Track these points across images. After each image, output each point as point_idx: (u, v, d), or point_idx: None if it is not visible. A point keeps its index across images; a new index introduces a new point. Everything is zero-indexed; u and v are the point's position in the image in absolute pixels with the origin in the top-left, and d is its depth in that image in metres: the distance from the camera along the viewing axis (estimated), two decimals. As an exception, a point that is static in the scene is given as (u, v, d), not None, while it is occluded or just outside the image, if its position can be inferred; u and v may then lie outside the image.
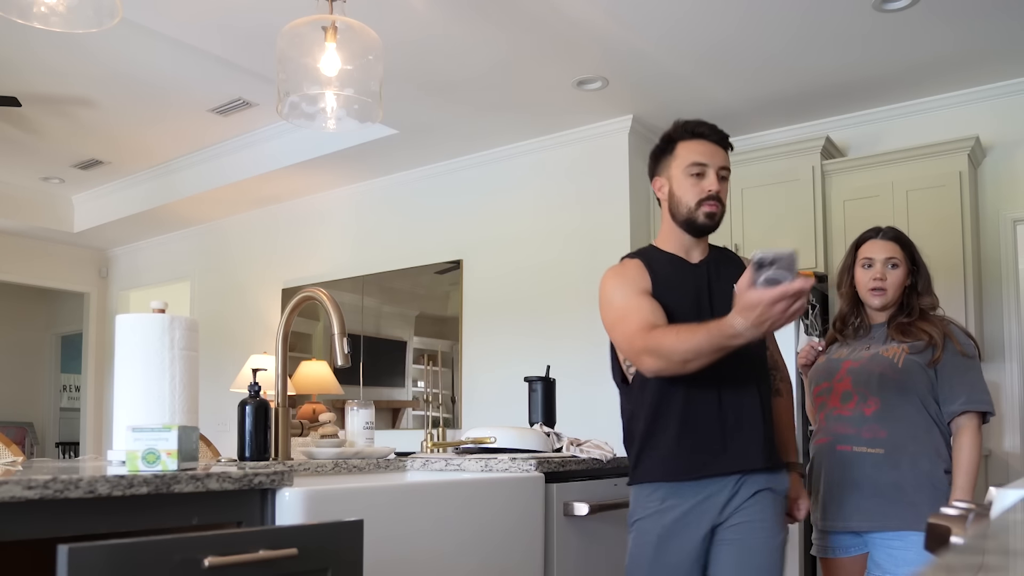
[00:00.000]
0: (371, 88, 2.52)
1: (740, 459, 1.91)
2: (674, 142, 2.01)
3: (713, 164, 1.97)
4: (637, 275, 1.96)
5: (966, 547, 0.55)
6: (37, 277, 7.52)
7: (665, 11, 3.59)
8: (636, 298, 1.90)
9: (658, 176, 2.05)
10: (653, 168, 2.07)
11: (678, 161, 1.99)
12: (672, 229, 2.03)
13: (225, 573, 1.16)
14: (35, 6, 2.00)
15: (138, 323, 1.82)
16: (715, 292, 1.98)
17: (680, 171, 1.98)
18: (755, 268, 1.59)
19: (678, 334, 1.77)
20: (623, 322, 1.90)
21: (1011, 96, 4.22)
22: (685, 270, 2.01)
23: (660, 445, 1.91)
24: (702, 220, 1.97)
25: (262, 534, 1.23)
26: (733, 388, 1.93)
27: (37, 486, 1.12)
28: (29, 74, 4.51)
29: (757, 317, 1.61)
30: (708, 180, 1.96)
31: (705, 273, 2.01)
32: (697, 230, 1.99)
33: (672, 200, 2.00)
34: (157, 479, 1.26)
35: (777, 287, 1.57)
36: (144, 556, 1.10)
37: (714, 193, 1.95)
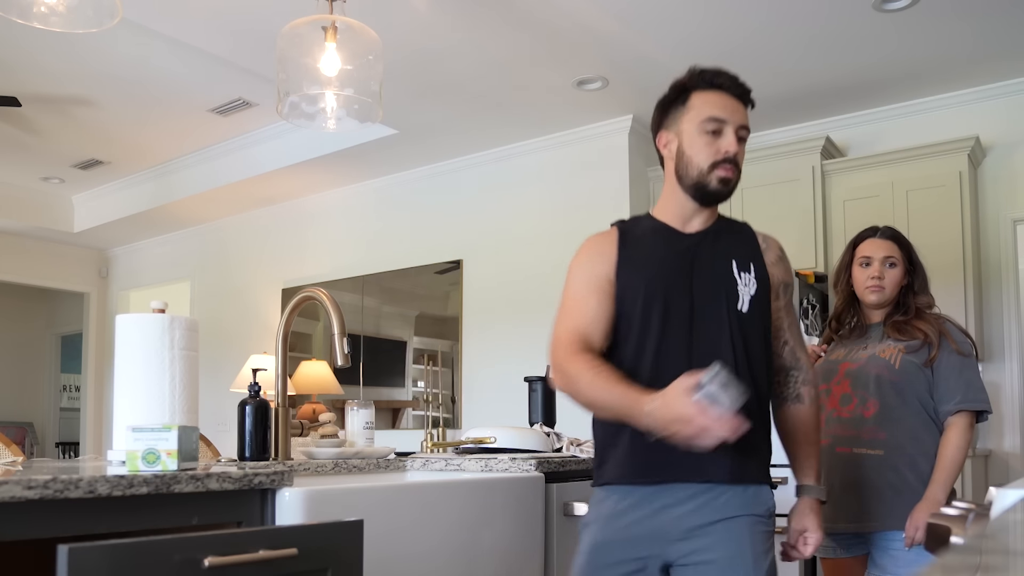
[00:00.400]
0: (371, 88, 2.52)
1: (705, 466, 1.59)
2: (688, 92, 1.73)
3: (732, 121, 1.71)
4: (603, 255, 1.72)
5: (966, 547, 0.55)
6: (37, 277, 7.52)
7: (665, 11, 3.59)
8: (586, 295, 1.69)
9: (665, 130, 1.76)
10: (660, 120, 1.78)
11: (692, 114, 1.71)
12: (675, 194, 1.74)
13: (225, 573, 1.16)
14: (35, 6, 2.00)
15: (138, 323, 1.82)
16: (699, 269, 1.69)
17: (694, 126, 1.70)
18: (708, 377, 1.44)
19: (594, 378, 1.58)
20: (561, 317, 1.70)
21: (1011, 96, 4.22)
22: (672, 242, 1.72)
23: (620, 441, 1.64)
24: (715, 186, 1.70)
25: (262, 534, 1.23)
26: None
27: (37, 486, 1.12)
28: (29, 74, 4.51)
29: (670, 422, 1.46)
30: (726, 139, 1.69)
31: (695, 246, 1.72)
32: (707, 197, 1.72)
33: (680, 160, 1.71)
34: (157, 479, 1.26)
35: (706, 416, 1.42)
36: (144, 556, 1.10)
37: (731, 155, 1.70)
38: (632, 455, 1.62)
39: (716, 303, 1.67)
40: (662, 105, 1.78)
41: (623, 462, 1.64)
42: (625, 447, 1.64)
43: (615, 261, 1.70)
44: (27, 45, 4.13)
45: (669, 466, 1.60)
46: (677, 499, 1.61)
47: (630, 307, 1.66)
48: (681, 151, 1.71)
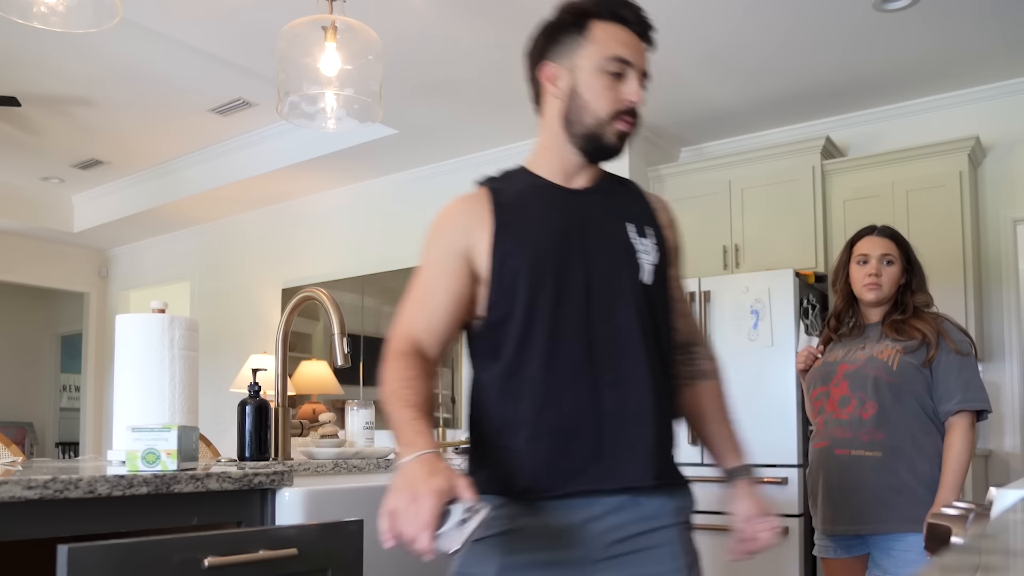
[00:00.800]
0: (371, 88, 2.52)
1: (623, 470, 1.36)
2: (587, 19, 1.43)
3: (637, 65, 1.44)
4: (466, 225, 1.42)
5: (966, 547, 0.55)
6: (37, 277, 7.52)
7: (665, 11, 3.59)
8: (434, 281, 1.43)
9: (553, 62, 1.44)
10: (545, 47, 1.46)
11: (593, 49, 1.42)
12: (557, 143, 1.47)
13: (225, 573, 1.16)
14: (35, 6, 2.00)
15: (138, 323, 1.82)
16: (593, 235, 1.44)
17: (593, 64, 1.41)
18: (465, 509, 1.18)
19: (394, 392, 1.32)
20: (405, 303, 1.45)
21: (1011, 96, 4.22)
22: (558, 200, 1.46)
23: (511, 442, 1.37)
24: (610, 139, 1.44)
25: (262, 534, 1.23)
26: (615, 365, 1.38)
27: (37, 486, 1.12)
28: (29, 74, 4.50)
29: (401, 490, 1.19)
30: (629, 85, 1.43)
31: (586, 207, 1.47)
32: (599, 152, 1.47)
33: (574, 102, 1.43)
34: (157, 479, 1.26)
35: (425, 525, 1.15)
36: (144, 556, 1.11)
37: (635, 105, 1.44)
38: (532, 458, 1.35)
39: (617, 275, 1.42)
40: (551, 30, 1.46)
41: (519, 467, 1.36)
42: (520, 448, 1.36)
43: (490, 230, 1.40)
44: (27, 45, 4.13)
45: (574, 478, 1.34)
46: (593, 513, 1.36)
47: (511, 284, 1.38)
48: (575, 92, 1.43)
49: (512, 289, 1.38)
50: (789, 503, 3.69)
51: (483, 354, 1.43)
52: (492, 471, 1.38)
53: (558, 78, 1.44)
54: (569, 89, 1.43)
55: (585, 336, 1.37)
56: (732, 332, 3.93)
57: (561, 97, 1.45)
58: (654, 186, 4.90)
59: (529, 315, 1.37)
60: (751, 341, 3.87)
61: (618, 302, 1.41)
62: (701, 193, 4.67)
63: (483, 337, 1.42)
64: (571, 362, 1.36)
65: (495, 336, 1.40)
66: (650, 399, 1.38)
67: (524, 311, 1.37)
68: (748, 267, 4.38)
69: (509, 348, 1.38)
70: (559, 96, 1.45)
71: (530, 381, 1.36)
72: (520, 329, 1.37)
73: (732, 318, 3.94)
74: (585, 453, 1.35)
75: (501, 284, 1.39)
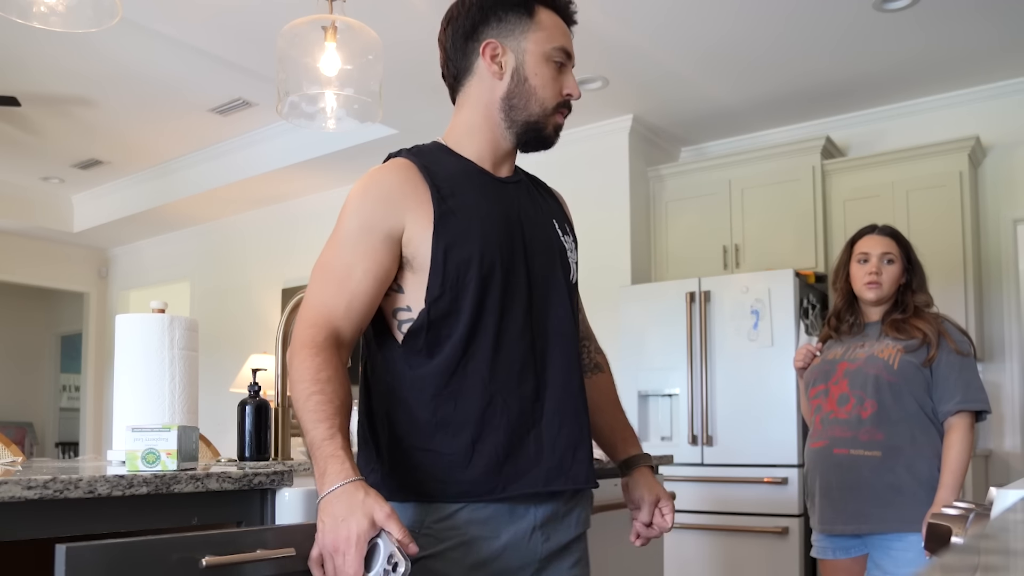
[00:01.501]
0: (371, 88, 2.51)
1: (565, 473, 1.33)
2: (534, 3, 1.38)
3: (573, 59, 1.42)
4: (400, 200, 1.30)
5: (966, 547, 0.55)
6: (37, 277, 7.53)
7: (665, 11, 3.59)
8: (355, 257, 1.29)
9: (498, 39, 1.37)
10: (484, 23, 1.37)
11: (541, 36, 1.36)
12: (490, 126, 1.38)
13: (223, 573, 1.16)
14: (35, 6, 2.00)
15: (138, 323, 1.82)
16: (528, 229, 1.37)
17: (542, 51, 1.36)
18: (399, 559, 1.14)
19: (308, 399, 1.22)
20: (317, 280, 1.32)
21: (1011, 96, 4.22)
22: (493, 189, 1.37)
23: (450, 444, 1.29)
24: (549, 131, 1.39)
25: (260, 534, 1.23)
26: (553, 366, 1.35)
27: (37, 486, 1.12)
28: (29, 74, 4.51)
29: (324, 536, 1.15)
30: (570, 79, 1.40)
31: (517, 197, 1.40)
32: (535, 142, 1.40)
33: (520, 87, 1.36)
34: (157, 479, 1.26)
35: (362, 570, 1.13)
36: (142, 555, 1.11)
37: (573, 99, 1.40)
38: (476, 457, 1.28)
39: (552, 273, 1.39)
40: (494, 4, 1.38)
41: (468, 466, 1.28)
42: (462, 447, 1.28)
43: (429, 214, 1.29)
44: (27, 45, 4.13)
45: (518, 478, 1.30)
46: (530, 520, 1.33)
47: (458, 278, 1.29)
48: (523, 76, 1.36)
49: (459, 283, 1.29)
50: (789, 503, 3.69)
51: (413, 349, 1.31)
52: (413, 474, 1.29)
53: (502, 57, 1.36)
54: (515, 72, 1.36)
55: (529, 336, 1.33)
56: (732, 332, 3.93)
57: (502, 77, 1.36)
58: (654, 186, 4.90)
59: (478, 312, 1.29)
60: (751, 341, 3.87)
61: (553, 301, 1.38)
62: (701, 193, 4.67)
63: (416, 332, 1.31)
64: (517, 362, 1.31)
65: (434, 331, 1.30)
66: (581, 401, 1.38)
67: (473, 307, 1.29)
68: (748, 267, 4.39)
69: (453, 345, 1.29)
70: (499, 75, 1.36)
71: (477, 379, 1.29)
72: (468, 326, 1.29)
73: (732, 318, 3.94)
74: (529, 455, 1.30)
75: (446, 276, 1.29)
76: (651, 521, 1.52)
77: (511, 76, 1.36)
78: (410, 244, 1.30)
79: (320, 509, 1.17)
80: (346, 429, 1.23)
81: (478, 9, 1.38)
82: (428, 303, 1.30)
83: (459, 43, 1.40)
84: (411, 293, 1.32)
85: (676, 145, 5.17)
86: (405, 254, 1.31)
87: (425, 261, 1.29)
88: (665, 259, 4.77)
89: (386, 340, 1.34)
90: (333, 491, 1.15)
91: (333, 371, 1.24)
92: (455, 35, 1.41)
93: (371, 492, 1.16)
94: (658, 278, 4.75)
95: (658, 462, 2.50)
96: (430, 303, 1.29)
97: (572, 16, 1.43)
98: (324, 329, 1.27)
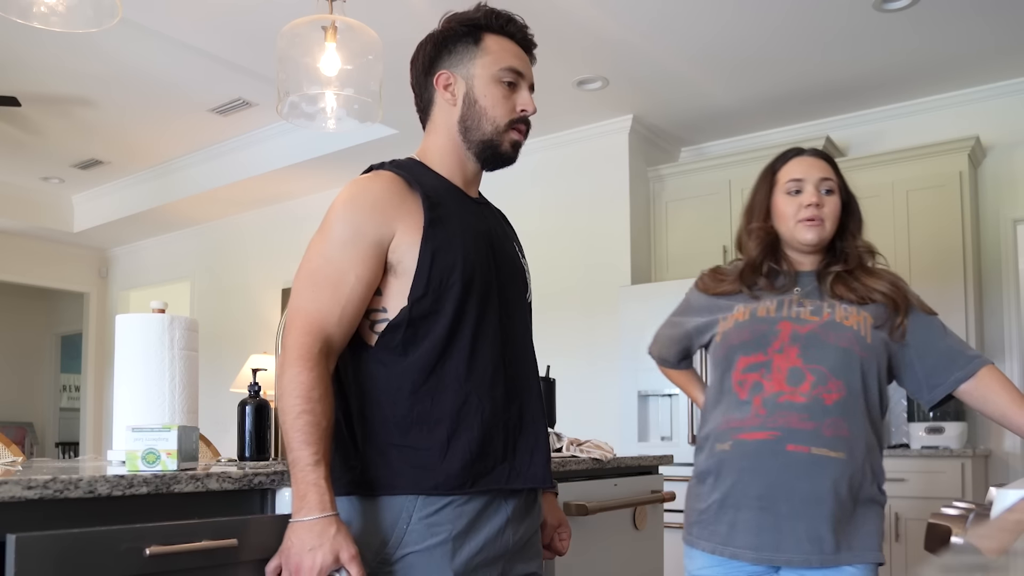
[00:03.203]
0: (371, 88, 2.51)
1: (527, 472, 1.41)
2: (480, 31, 1.48)
3: (527, 76, 1.51)
4: (391, 210, 1.36)
5: (966, 547, 0.55)
6: (37, 277, 7.53)
7: (665, 11, 3.59)
8: (348, 265, 1.33)
9: (448, 70, 1.47)
10: (437, 55, 1.48)
11: (488, 60, 1.46)
12: (455, 149, 1.48)
13: (166, 562, 1.20)
14: (35, 6, 2.00)
15: (138, 323, 1.82)
16: (497, 245, 1.47)
17: (489, 73, 1.46)
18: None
19: (298, 416, 1.27)
20: (306, 286, 1.34)
21: (1011, 96, 4.22)
22: (468, 206, 1.47)
23: (425, 439, 1.34)
24: (506, 148, 1.48)
25: (206, 525, 1.27)
26: (520, 372, 1.45)
27: (37, 486, 1.12)
28: (29, 74, 4.51)
29: (287, 558, 1.25)
30: (523, 96, 1.48)
31: (486, 217, 1.51)
32: (494, 160, 1.49)
33: (471, 110, 1.45)
34: (157, 479, 1.26)
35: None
36: (91, 545, 1.14)
37: (528, 114, 1.49)
38: (451, 453, 1.33)
39: (516, 290, 1.49)
40: (444, 39, 1.49)
41: (444, 462, 1.33)
42: (437, 444, 1.33)
43: (419, 222, 1.36)
44: (27, 45, 4.13)
45: (488, 474, 1.36)
46: (511, 513, 1.41)
47: (442, 280, 1.35)
48: (473, 99, 1.46)
49: (442, 285, 1.35)
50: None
51: (387, 347, 1.36)
52: (389, 470, 1.33)
53: (454, 85, 1.47)
54: (466, 96, 1.46)
55: (499, 342, 1.41)
56: (732, 332, 3.93)
57: (456, 104, 1.47)
58: (654, 186, 4.90)
59: (459, 313, 1.36)
60: (751, 341, 3.86)
61: (518, 316, 1.48)
62: (701, 193, 4.67)
63: (395, 328, 1.35)
64: (490, 365, 1.38)
65: (412, 330, 1.35)
66: (540, 407, 1.47)
67: (455, 308, 1.36)
68: (748, 267, 4.38)
69: (431, 344, 1.35)
70: (453, 103, 1.47)
71: (454, 378, 1.35)
72: (448, 326, 1.35)
73: (732, 318, 3.94)
74: (497, 453, 1.37)
75: (431, 279, 1.35)
76: (549, 543, 1.62)
77: (463, 101, 1.46)
78: (396, 251, 1.36)
79: (291, 530, 1.25)
80: (329, 455, 1.30)
81: (432, 46, 1.50)
82: (411, 301, 1.35)
83: (420, 79, 1.52)
84: (390, 296, 1.37)
85: (676, 145, 5.17)
86: (390, 260, 1.37)
87: (410, 266, 1.35)
88: (665, 259, 4.77)
89: (355, 340, 1.39)
90: (309, 520, 1.23)
91: (324, 389, 1.30)
92: (417, 73, 1.53)
93: (342, 530, 1.25)
94: (658, 278, 4.75)
95: (657, 462, 2.51)
96: (412, 301, 1.35)
97: (525, 39, 1.53)
98: (319, 339, 1.32)
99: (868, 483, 1.64)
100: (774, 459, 1.62)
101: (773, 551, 1.61)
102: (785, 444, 1.61)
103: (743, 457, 1.65)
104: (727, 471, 1.67)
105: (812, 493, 1.59)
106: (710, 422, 1.76)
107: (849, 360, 1.64)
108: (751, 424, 1.65)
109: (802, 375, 1.63)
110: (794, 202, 1.73)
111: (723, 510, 1.66)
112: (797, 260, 1.76)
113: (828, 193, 1.74)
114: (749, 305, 1.73)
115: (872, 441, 1.66)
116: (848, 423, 1.62)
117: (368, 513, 1.34)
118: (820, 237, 1.72)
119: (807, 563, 1.59)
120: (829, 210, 1.73)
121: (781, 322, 1.68)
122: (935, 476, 3.75)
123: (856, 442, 1.62)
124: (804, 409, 1.62)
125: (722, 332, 1.75)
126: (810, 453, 1.60)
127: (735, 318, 1.73)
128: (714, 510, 1.68)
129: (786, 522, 1.60)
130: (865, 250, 1.75)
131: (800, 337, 1.65)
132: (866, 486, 1.63)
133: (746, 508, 1.63)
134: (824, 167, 1.77)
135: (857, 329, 1.66)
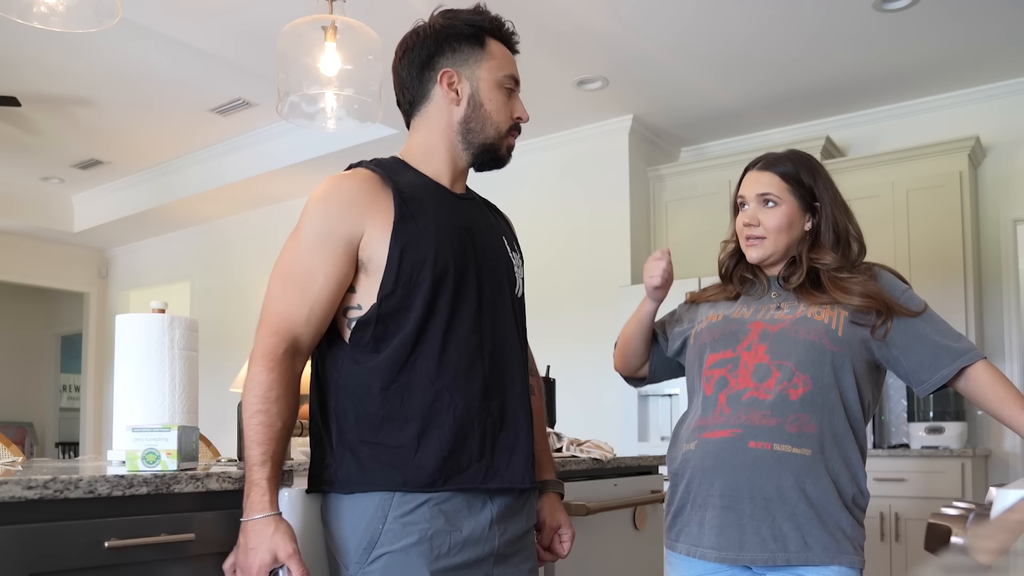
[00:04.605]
0: (371, 88, 2.52)
1: (504, 472, 1.39)
2: (484, 34, 1.48)
3: (520, 85, 1.54)
4: (362, 207, 1.36)
5: (966, 547, 0.55)
6: (37, 277, 7.53)
7: (666, 11, 3.59)
8: (316, 264, 1.34)
9: (453, 69, 1.45)
10: (439, 53, 1.46)
11: (493, 64, 1.47)
12: (448, 147, 1.48)
13: (125, 555, 1.21)
14: (35, 6, 2.00)
15: (138, 323, 1.82)
16: (480, 244, 1.45)
17: (495, 79, 1.47)
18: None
19: (253, 415, 1.29)
20: (278, 286, 1.36)
21: (1011, 96, 4.22)
22: (449, 203, 1.45)
23: (396, 436, 1.34)
24: (503, 152, 1.51)
25: (164, 520, 1.27)
26: (499, 370, 1.43)
27: (37, 486, 1.12)
28: (29, 74, 4.51)
29: (239, 550, 1.28)
30: (519, 104, 1.52)
31: (471, 212, 1.50)
32: (491, 162, 1.52)
33: (476, 112, 1.46)
34: (157, 479, 1.26)
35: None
36: (53, 539, 1.15)
37: (524, 122, 1.53)
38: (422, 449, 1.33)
39: (500, 285, 1.47)
40: (447, 36, 1.46)
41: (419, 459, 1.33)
42: (408, 440, 1.33)
43: (389, 218, 1.35)
44: (27, 45, 4.13)
45: (461, 472, 1.35)
46: (496, 512, 1.40)
47: (411, 276, 1.35)
48: (477, 101, 1.46)
49: (412, 281, 1.34)
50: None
51: (359, 343, 1.36)
52: (362, 466, 1.33)
53: (458, 84, 1.46)
54: (471, 98, 1.46)
55: (477, 339, 1.39)
56: (732, 332, 3.93)
57: (459, 103, 1.46)
58: (654, 186, 4.90)
59: (429, 309, 1.35)
60: (751, 341, 3.86)
61: (501, 312, 1.45)
62: (701, 193, 4.67)
63: (365, 324, 1.36)
64: (465, 361, 1.37)
65: (382, 326, 1.35)
66: (524, 406, 1.44)
67: (424, 304, 1.35)
68: (748, 267, 4.38)
69: (401, 341, 1.34)
70: (456, 101, 1.46)
71: (424, 376, 1.34)
72: (417, 323, 1.34)
73: (732, 318, 3.94)
74: (473, 452, 1.36)
75: (400, 275, 1.34)
76: (549, 545, 1.60)
77: (467, 102, 1.46)
78: (367, 248, 1.36)
79: (240, 530, 1.29)
80: (280, 456, 1.31)
81: (433, 40, 1.46)
82: (380, 298, 1.35)
83: (415, 72, 1.48)
84: (363, 294, 1.37)
85: (676, 145, 5.17)
86: (361, 257, 1.36)
87: (381, 263, 1.35)
88: (665, 259, 4.77)
89: (334, 338, 1.39)
90: (251, 520, 1.27)
91: (283, 389, 1.31)
92: (411, 64, 1.48)
93: (281, 528, 1.27)
94: (658, 278, 4.75)
95: (657, 462, 2.50)
96: (382, 298, 1.35)
97: (515, 46, 1.54)
98: (285, 339, 1.33)
99: (844, 481, 1.59)
100: (735, 457, 1.59)
101: (737, 550, 1.58)
102: (747, 441, 1.59)
103: (705, 456, 1.63)
104: (692, 471, 1.65)
105: (776, 491, 1.57)
106: (682, 424, 1.77)
107: (818, 353, 1.60)
108: (714, 423, 1.64)
109: (768, 371, 1.62)
110: (740, 219, 1.74)
111: (693, 510, 1.65)
112: (765, 268, 1.75)
113: (771, 205, 1.70)
114: (726, 309, 1.74)
115: (847, 437, 1.61)
116: (816, 419, 1.59)
117: (345, 512, 1.34)
118: (762, 254, 1.70)
119: (771, 562, 1.56)
120: (771, 224, 1.69)
121: (753, 322, 1.68)
122: (935, 476, 3.75)
123: (826, 438, 1.59)
124: (768, 406, 1.59)
125: (695, 333, 1.76)
126: (772, 450, 1.57)
127: (709, 319, 1.74)
128: (687, 511, 1.67)
129: (749, 521, 1.58)
130: (834, 266, 1.67)
131: (769, 335, 1.64)
132: (841, 484, 1.58)
133: (711, 507, 1.62)
134: (766, 180, 1.72)
135: (828, 323, 1.62)
